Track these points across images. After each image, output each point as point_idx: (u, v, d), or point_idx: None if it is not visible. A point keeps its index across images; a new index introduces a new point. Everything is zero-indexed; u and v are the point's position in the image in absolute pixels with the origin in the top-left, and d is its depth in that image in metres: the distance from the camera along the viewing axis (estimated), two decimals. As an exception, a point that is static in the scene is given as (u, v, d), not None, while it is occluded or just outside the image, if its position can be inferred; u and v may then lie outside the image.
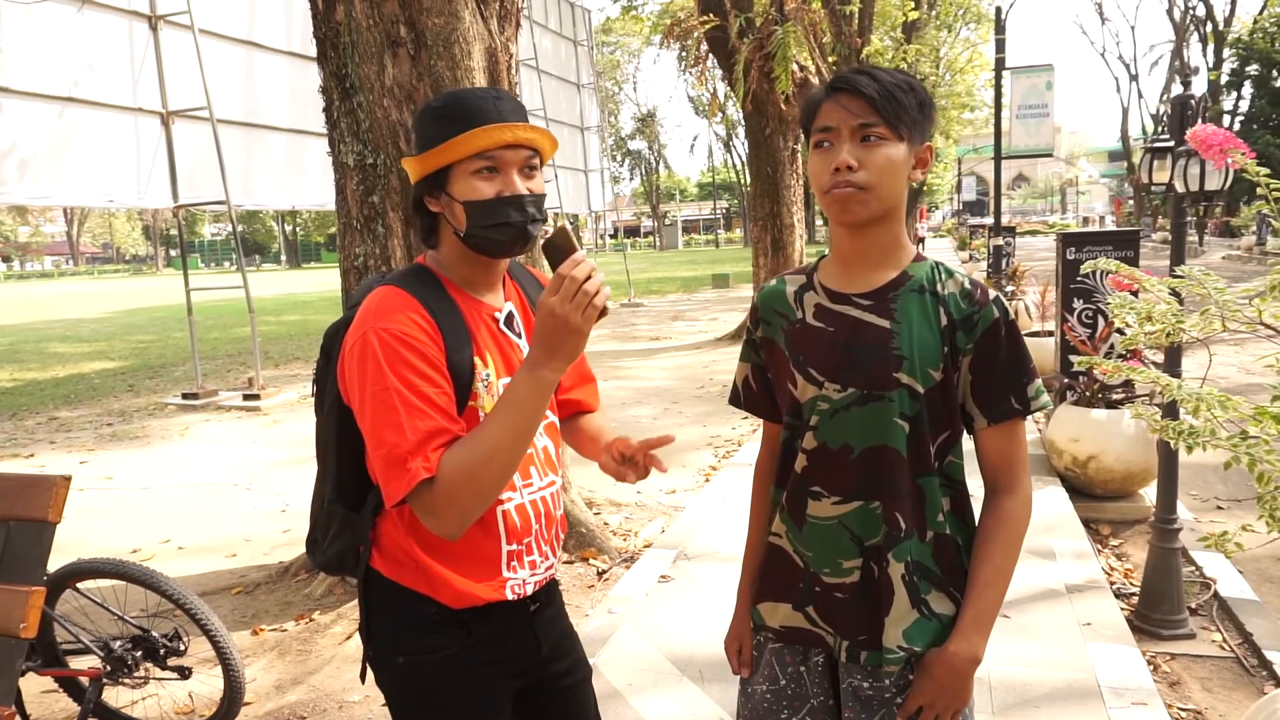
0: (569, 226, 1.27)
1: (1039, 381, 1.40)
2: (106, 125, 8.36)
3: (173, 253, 72.11)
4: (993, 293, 1.40)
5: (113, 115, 8.40)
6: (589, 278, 1.20)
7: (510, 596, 1.47)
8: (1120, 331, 5.02)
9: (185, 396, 9.56)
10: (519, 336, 1.51)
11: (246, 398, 9.32)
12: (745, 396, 1.60)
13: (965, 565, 1.42)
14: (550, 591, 1.61)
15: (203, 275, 44.78)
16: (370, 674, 1.53)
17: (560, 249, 1.24)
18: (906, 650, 1.38)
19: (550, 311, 1.20)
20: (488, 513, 1.44)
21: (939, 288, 1.40)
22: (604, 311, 1.22)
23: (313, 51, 3.98)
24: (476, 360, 1.40)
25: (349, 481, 1.48)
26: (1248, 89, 33.99)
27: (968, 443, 1.45)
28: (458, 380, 1.36)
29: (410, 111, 3.74)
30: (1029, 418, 1.54)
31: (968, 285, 1.40)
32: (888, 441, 1.38)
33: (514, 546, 1.47)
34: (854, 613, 1.42)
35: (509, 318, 1.50)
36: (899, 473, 1.38)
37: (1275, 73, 32.58)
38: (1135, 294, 2.10)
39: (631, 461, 1.50)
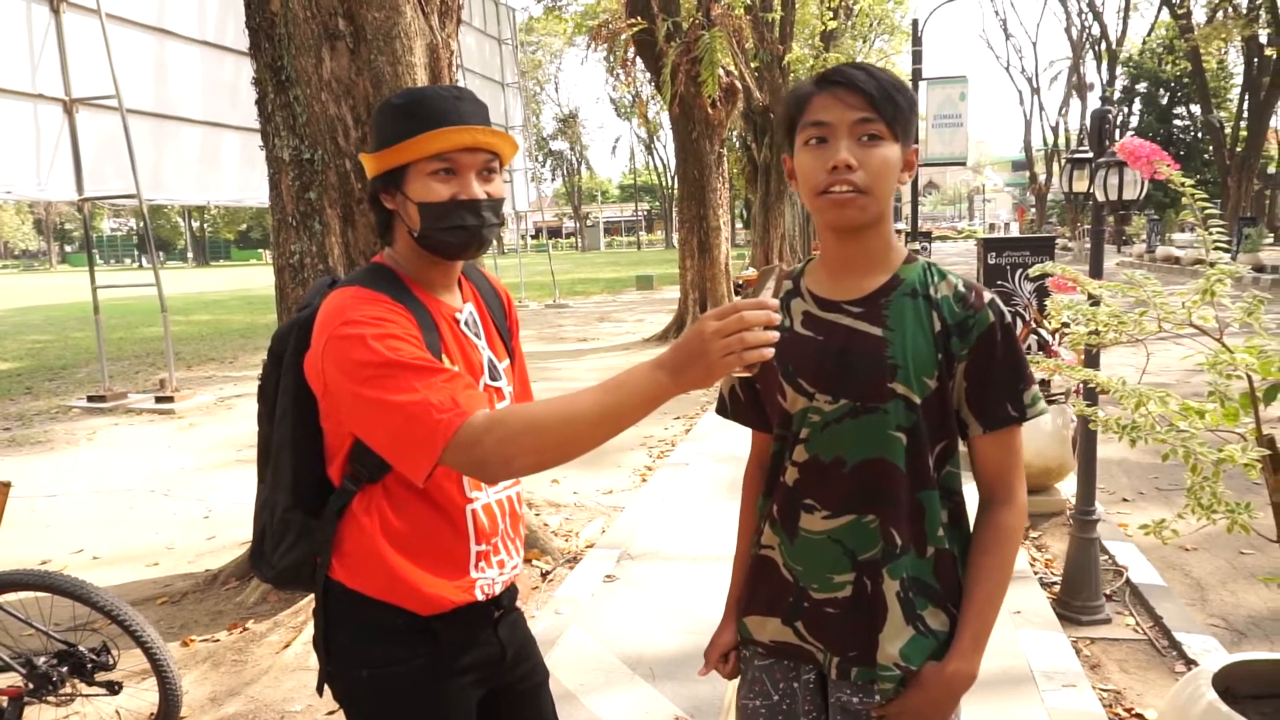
0: (781, 270, 1.18)
1: (1035, 388, 1.34)
2: (2, 111, 7.88)
3: (68, 248, 68.21)
4: (988, 294, 1.33)
5: (9, 101, 7.91)
6: (756, 329, 1.07)
7: (480, 597, 1.46)
8: (1038, 332, 5.27)
9: (91, 399, 9.08)
10: (478, 338, 1.49)
11: (159, 400, 8.91)
12: (733, 407, 1.53)
13: (960, 578, 1.37)
14: (513, 596, 1.61)
15: (103, 272, 42.35)
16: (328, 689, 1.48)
17: (758, 287, 1.17)
18: (903, 669, 1.33)
19: (701, 332, 1.10)
20: (457, 513, 1.43)
21: (931, 290, 1.33)
22: (750, 369, 1.10)
23: (229, 42, 3.86)
24: (445, 359, 1.38)
25: (307, 486, 1.43)
26: (1138, 105, 36.17)
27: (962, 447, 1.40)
28: None
29: (349, 106, 3.66)
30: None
31: (961, 288, 1.33)
32: (884, 454, 1.32)
33: (482, 547, 1.47)
34: (845, 628, 1.36)
35: (469, 319, 1.49)
36: (897, 487, 1.32)
37: (1162, 90, 34.79)
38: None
39: None
